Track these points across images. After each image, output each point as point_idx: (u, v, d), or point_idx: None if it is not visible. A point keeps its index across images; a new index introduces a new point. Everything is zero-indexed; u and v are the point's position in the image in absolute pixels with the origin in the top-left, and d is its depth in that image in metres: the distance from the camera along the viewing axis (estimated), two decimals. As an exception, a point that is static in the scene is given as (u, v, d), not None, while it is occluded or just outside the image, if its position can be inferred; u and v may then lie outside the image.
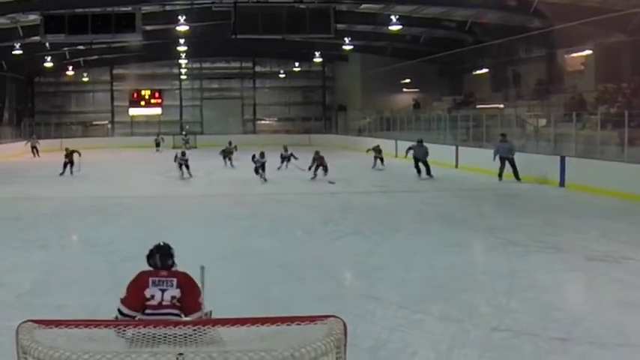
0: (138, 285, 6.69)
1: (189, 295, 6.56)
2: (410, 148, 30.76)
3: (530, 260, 13.68)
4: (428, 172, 29.39)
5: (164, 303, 6.50)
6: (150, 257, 6.98)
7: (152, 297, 6.54)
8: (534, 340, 8.86)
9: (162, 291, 6.57)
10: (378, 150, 37.36)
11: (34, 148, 49.72)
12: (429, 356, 8.36)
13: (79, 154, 33.03)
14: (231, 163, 37.40)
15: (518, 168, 26.26)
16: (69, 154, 33.23)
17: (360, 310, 9.83)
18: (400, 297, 10.96)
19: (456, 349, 8.56)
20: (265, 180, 28.06)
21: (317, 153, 31.24)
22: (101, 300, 10.77)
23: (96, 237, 16.28)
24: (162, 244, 7.17)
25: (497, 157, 26.45)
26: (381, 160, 36.81)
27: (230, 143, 40.16)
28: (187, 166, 30.29)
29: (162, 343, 4.31)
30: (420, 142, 30.40)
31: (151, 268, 6.90)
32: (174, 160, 30.89)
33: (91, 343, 4.33)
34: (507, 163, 26.29)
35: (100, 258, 14.13)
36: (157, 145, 55.89)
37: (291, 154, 33.87)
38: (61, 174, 32.05)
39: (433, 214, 20.04)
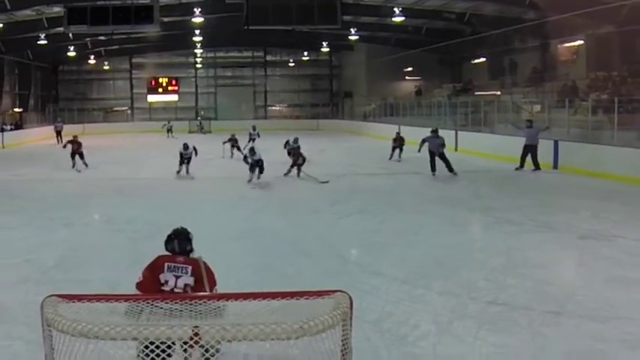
0: (153, 269, 6.48)
1: (203, 284, 6.27)
2: (424, 141, 25.34)
3: (525, 238, 13.69)
4: (449, 168, 24.07)
5: (176, 290, 6.31)
6: (168, 242, 6.68)
7: (166, 282, 6.35)
8: (529, 313, 8.88)
9: (177, 277, 6.36)
10: (396, 139, 31.75)
11: (58, 133, 46.67)
12: (430, 328, 8.37)
13: (78, 144, 28.30)
14: (238, 149, 31.30)
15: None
16: (71, 143, 28.64)
17: (365, 285, 9.85)
18: (403, 273, 10.97)
19: (455, 322, 8.57)
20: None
21: (288, 144, 28.23)
22: (121, 275, 10.79)
23: (116, 216, 16.32)
24: (180, 228, 6.84)
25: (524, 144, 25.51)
26: (400, 150, 31.10)
27: (254, 128, 37.12)
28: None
29: (179, 316, 4.31)
30: (435, 132, 25.23)
31: (168, 253, 6.64)
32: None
33: (112, 316, 4.33)
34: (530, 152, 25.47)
35: (120, 236, 14.17)
36: (168, 130, 52.07)
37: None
38: (73, 166, 27.93)
39: (434, 195, 20.02)
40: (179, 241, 6.65)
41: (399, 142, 31.27)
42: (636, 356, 7.37)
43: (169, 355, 4.06)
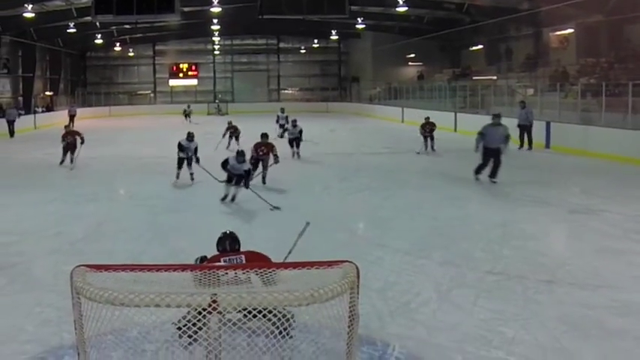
0: (212, 263, 6.46)
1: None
2: (481, 135, 17.48)
3: (520, 212, 13.68)
4: (493, 172, 17.46)
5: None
6: (219, 243, 6.82)
7: None
8: (523, 282, 8.88)
9: None
10: (425, 125, 25.59)
11: (72, 118, 43.54)
12: (431, 296, 8.37)
13: (82, 140, 22.54)
14: (237, 139, 26.68)
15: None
16: (68, 135, 22.77)
17: (371, 256, 9.84)
18: (406, 244, 10.98)
19: (455, 290, 8.57)
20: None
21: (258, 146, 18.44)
22: (145, 247, 10.84)
23: (140, 192, 16.35)
24: (228, 232, 7.01)
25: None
26: (432, 138, 25.20)
27: (282, 111, 33.46)
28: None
29: (199, 285, 4.32)
30: (497, 117, 17.76)
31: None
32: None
33: (136, 284, 4.34)
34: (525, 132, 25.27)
35: (143, 210, 14.19)
36: (187, 116, 48.45)
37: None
38: (61, 162, 22.31)
39: (435, 172, 19.98)
40: (230, 241, 6.81)
41: (429, 129, 25.17)
42: (623, 322, 7.35)
43: (199, 329, 4.07)
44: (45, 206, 15.05)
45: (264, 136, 18.38)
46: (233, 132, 27.40)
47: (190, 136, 18.74)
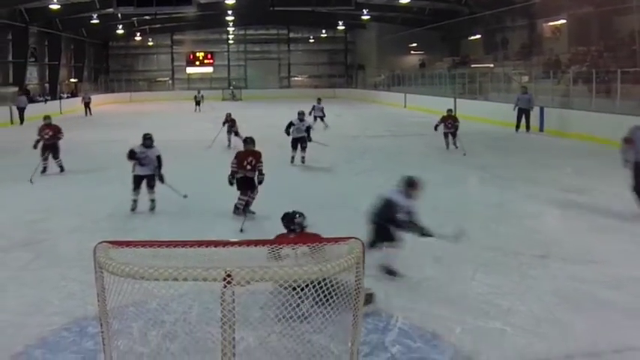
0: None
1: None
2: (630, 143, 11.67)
3: (515, 192, 13.66)
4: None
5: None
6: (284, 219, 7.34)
7: None
8: (519, 257, 8.89)
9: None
10: (445, 118, 20.66)
11: (86, 105, 41.77)
12: (432, 270, 8.37)
13: (58, 136, 17.01)
14: (237, 134, 20.93)
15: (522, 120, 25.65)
16: (46, 128, 16.92)
17: (375, 233, 9.82)
18: (408, 222, 10.95)
19: (455, 265, 8.58)
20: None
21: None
22: (164, 224, 10.83)
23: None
24: (292, 212, 7.53)
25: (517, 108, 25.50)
26: (454, 135, 20.36)
27: (319, 101, 28.97)
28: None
29: (216, 259, 4.31)
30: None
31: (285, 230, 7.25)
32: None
33: (155, 259, 4.34)
34: (524, 115, 25.29)
35: (162, 191, 14.17)
36: (198, 103, 44.92)
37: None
38: (43, 171, 16.54)
39: (435, 154, 19.92)
40: (286, 221, 7.39)
41: (451, 124, 20.51)
42: (612, 294, 7.34)
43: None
44: (69, 187, 15.08)
45: (249, 141, 12.09)
46: (232, 126, 21.98)
47: (148, 140, 12.74)
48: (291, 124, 17.74)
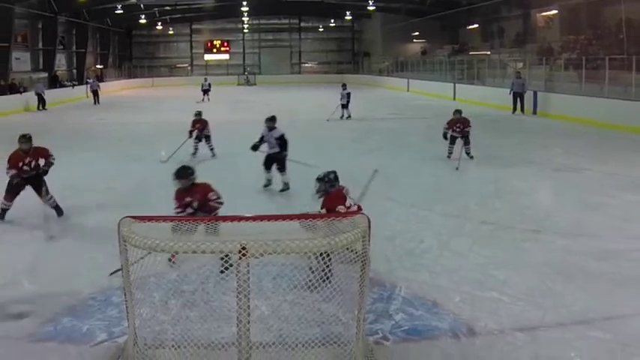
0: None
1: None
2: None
3: (510, 170, 13.60)
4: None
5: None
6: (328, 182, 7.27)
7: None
8: (513, 231, 8.88)
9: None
10: (454, 122, 15.10)
11: (95, 93, 36.70)
12: (433, 243, 8.36)
13: (47, 164, 9.86)
14: (207, 140, 16.20)
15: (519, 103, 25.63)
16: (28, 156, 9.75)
17: (380, 209, 9.74)
18: (411, 199, 10.94)
19: (454, 238, 8.56)
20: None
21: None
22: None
23: (179, 152, 16.10)
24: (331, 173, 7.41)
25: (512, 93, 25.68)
26: (466, 141, 14.82)
27: (344, 87, 26.08)
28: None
29: (230, 233, 4.31)
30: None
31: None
32: None
33: (175, 233, 4.35)
34: (519, 98, 25.46)
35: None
36: (205, 92, 36.87)
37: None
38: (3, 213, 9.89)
39: (436, 135, 19.74)
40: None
41: (460, 128, 14.92)
42: (600, 266, 7.32)
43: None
44: (95, 166, 15.07)
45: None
46: (202, 129, 16.15)
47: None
48: (262, 138, 12.21)
